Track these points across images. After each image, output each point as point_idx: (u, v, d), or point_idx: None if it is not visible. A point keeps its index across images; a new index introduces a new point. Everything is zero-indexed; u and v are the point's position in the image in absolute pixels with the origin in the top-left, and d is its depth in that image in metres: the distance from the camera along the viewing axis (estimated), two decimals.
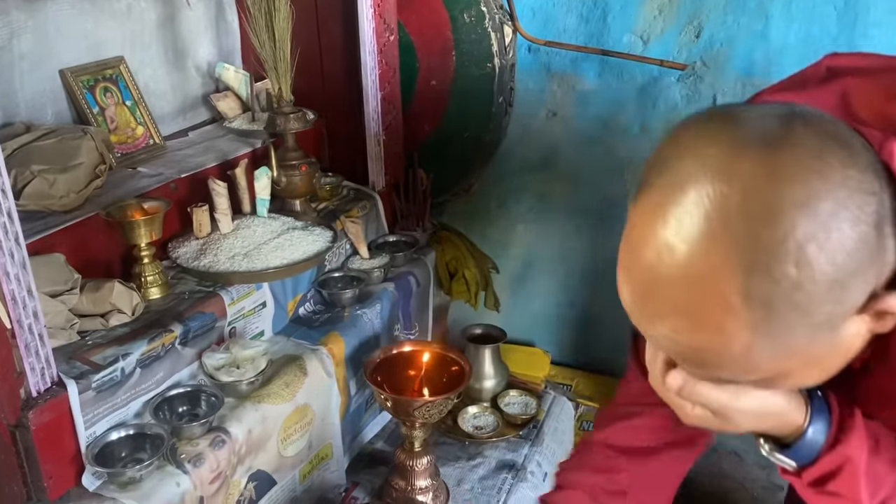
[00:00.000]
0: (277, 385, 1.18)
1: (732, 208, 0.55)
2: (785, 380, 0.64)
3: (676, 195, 0.57)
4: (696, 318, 0.58)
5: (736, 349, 0.58)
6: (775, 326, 0.57)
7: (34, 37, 1.25)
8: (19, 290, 0.89)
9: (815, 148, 0.56)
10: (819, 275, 0.55)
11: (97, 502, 0.96)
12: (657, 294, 0.59)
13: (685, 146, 0.59)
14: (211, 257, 1.23)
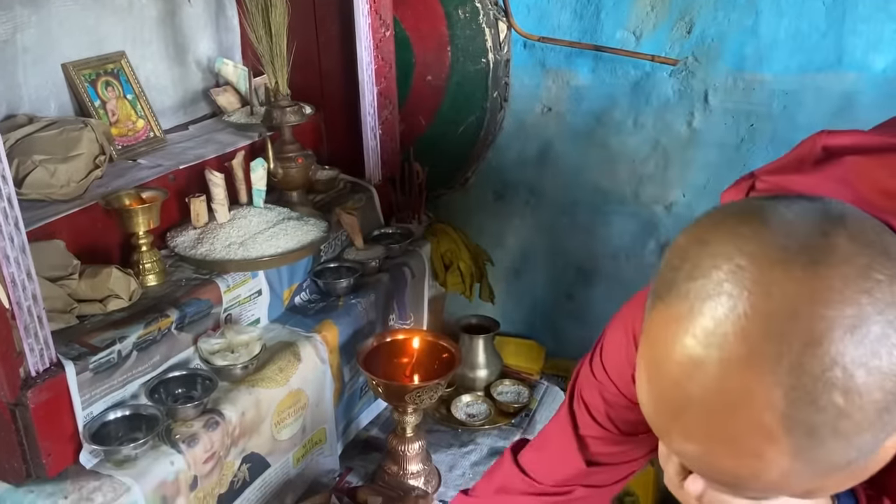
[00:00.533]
0: (271, 370, 1.21)
1: (773, 330, 0.51)
2: (820, 493, 0.61)
3: (707, 307, 0.52)
4: (731, 443, 0.54)
5: (774, 475, 0.54)
6: (817, 453, 0.53)
7: (37, 31, 1.29)
8: (19, 273, 0.92)
9: (863, 265, 0.52)
10: (868, 403, 0.51)
11: (94, 480, 0.99)
12: (687, 415, 0.55)
13: (715, 251, 0.54)
14: (208, 246, 1.26)
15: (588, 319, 2.01)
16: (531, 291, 2.04)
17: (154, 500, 1.01)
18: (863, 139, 0.72)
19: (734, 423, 0.52)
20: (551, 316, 2.05)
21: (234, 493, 1.17)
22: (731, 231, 0.55)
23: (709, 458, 0.55)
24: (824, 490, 0.59)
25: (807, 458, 0.53)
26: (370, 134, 1.61)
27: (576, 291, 2.00)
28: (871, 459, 0.56)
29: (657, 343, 0.56)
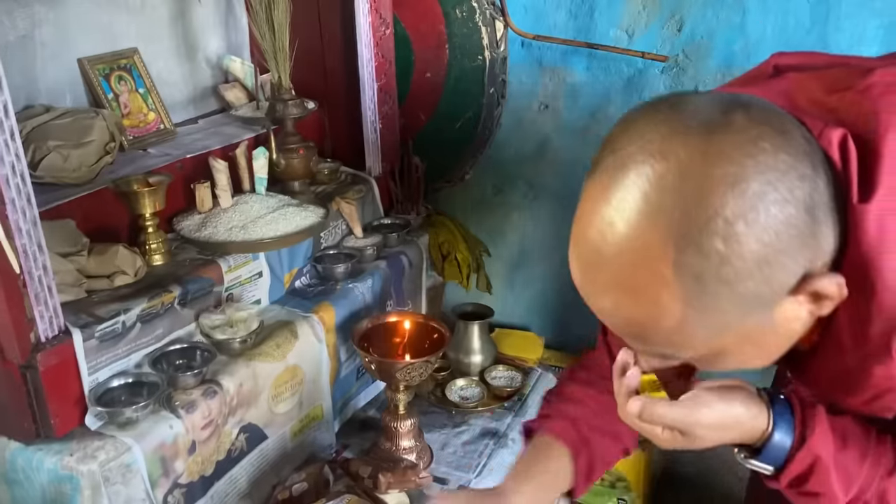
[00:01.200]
0: (269, 346, 1.28)
1: (668, 187, 0.58)
2: (725, 357, 0.68)
3: (619, 175, 0.61)
4: (634, 292, 0.61)
5: (670, 322, 0.62)
6: (706, 300, 0.60)
7: (55, 28, 1.37)
8: (30, 245, 1.00)
9: (751, 133, 0.60)
10: (747, 252, 0.58)
11: (98, 440, 1.06)
12: (600, 270, 0.63)
13: (633, 130, 0.63)
14: (211, 229, 1.33)
15: (585, 311, 2.06)
16: (530, 284, 2.09)
17: (153, 460, 1.08)
18: (809, 59, 0.79)
19: (636, 273, 0.61)
20: (550, 308, 2.10)
21: (232, 461, 1.23)
22: (649, 115, 0.63)
23: (619, 310, 0.64)
24: (729, 355, 0.67)
25: (697, 305, 0.61)
26: (371, 128, 1.68)
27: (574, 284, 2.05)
28: (768, 327, 0.64)
29: (581, 213, 0.65)
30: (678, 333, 0.64)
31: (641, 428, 0.78)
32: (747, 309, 0.62)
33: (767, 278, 0.60)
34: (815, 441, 0.75)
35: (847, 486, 0.76)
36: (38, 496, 1.06)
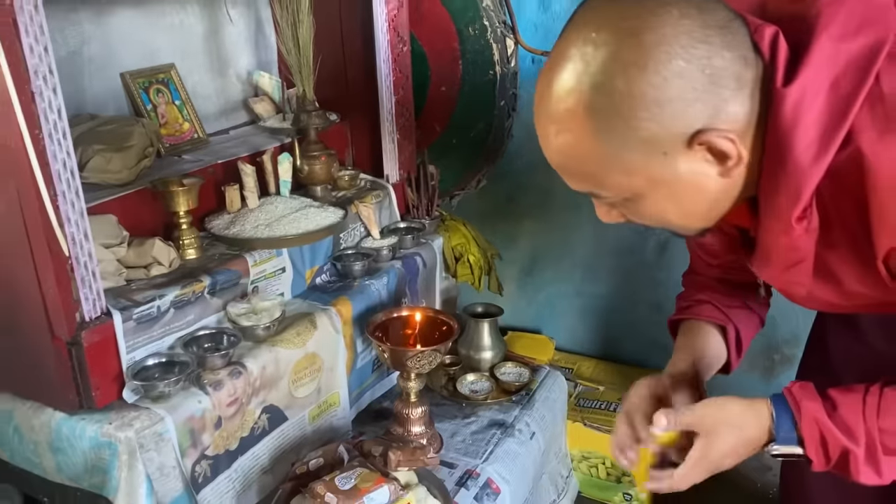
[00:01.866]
0: (290, 333, 1.38)
1: (589, 39, 0.74)
2: (644, 202, 0.81)
3: (558, 44, 0.78)
4: (558, 123, 0.77)
5: (585, 152, 0.77)
6: (610, 135, 0.75)
7: (101, 44, 1.51)
8: (77, 233, 1.12)
9: (665, 3, 0.73)
10: (638, 91, 0.72)
11: (134, 411, 1.17)
12: (542, 108, 0.79)
13: (574, 16, 0.79)
14: (239, 227, 1.45)
15: (594, 314, 2.15)
16: (542, 288, 2.19)
17: (183, 431, 1.18)
18: None
19: (559, 110, 0.76)
20: (560, 311, 2.19)
21: (255, 438, 1.33)
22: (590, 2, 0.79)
23: (550, 142, 0.80)
24: (645, 199, 0.80)
25: (603, 138, 0.75)
26: (389, 138, 1.79)
27: (583, 288, 2.14)
28: (676, 176, 0.77)
29: (538, 85, 0.80)
30: (594, 167, 0.79)
31: (676, 487, 0.93)
32: (647, 150, 0.76)
33: (660, 121, 0.74)
34: (806, 406, 0.86)
35: (855, 439, 0.84)
36: (80, 462, 1.18)
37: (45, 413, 1.20)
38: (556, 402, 1.76)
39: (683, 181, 0.78)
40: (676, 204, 0.81)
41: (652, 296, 2.06)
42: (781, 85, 0.73)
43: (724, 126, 0.75)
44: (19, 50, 1.01)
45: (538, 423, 1.66)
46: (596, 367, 2.10)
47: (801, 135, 0.73)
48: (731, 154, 0.76)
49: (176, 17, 1.66)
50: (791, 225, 0.78)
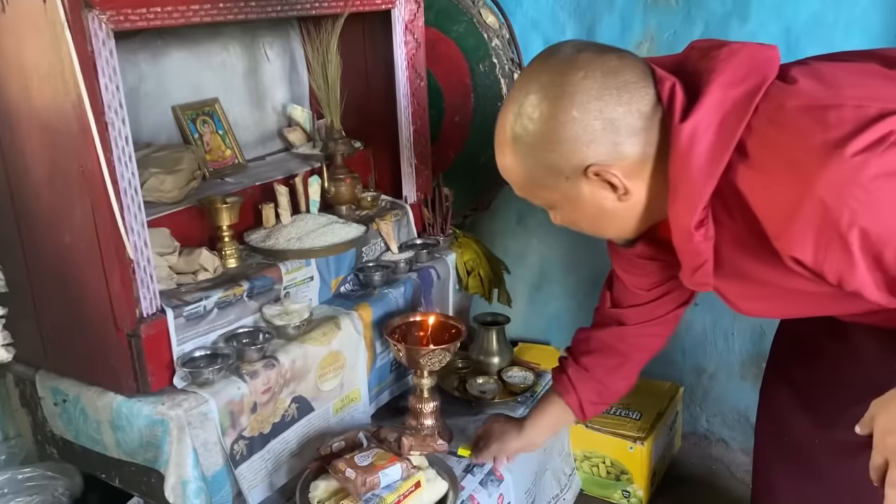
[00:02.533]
0: (317, 333, 1.57)
1: (520, 86, 1.01)
2: (562, 212, 1.08)
3: (508, 95, 1.05)
4: (501, 150, 1.05)
5: (516, 170, 1.04)
6: (527, 159, 1.01)
7: (155, 81, 1.73)
8: (138, 241, 1.32)
9: (578, 62, 0.97)
10: (545, 130, 0.98)
11: (183, 395, 1.36)
12: (495, 143, 1.06)
13: (522, 71, 1.13)
14: (273, 240, 1.65)
15: None
16: (549, 303, 2.36)
17: (224, 412, 1.37)
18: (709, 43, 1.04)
19: (500, 139, 1.04)
20: (567, 324, 2.35)
21: (285, 424, 1.52)
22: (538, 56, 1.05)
23: (498, 160, 1.06)
24: (562, 209, 1.07)
25: (524, 162, 1.02)
26: (407, 163, 1.99)
27: (587, 303, 2.30)
28: (580, 196, 1.02)
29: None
30: (523, 182, 1.05)
31: None
32: (554, 175, 1.01)
33: (559, 154, 0.99)
34: None
35: None
36: (136, 438, 1.37)
37: (108, 396, 1.40)
38: None
39: (587, 200, 1.03)
40: (585, 217, 1.07)
41: None
42: (678, 122, 0.94)
43: (617, 162, 0.98)
44: (97, 88, 1.22)
45: None
46: None
47: (695, 159, 0.93)
48: (617, 186, 1.00)
49: (220, 57, 1.88)
50: (691, 232, 0.97)
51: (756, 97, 0.92)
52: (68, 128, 1.23)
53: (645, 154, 0.98)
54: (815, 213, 0.87)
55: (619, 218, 1.05)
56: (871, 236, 0.86)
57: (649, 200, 1.02)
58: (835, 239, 0.87)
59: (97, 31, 1.21)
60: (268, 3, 1.49)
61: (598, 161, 0.98)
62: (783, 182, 0.89)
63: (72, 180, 1.27)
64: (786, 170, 0.89)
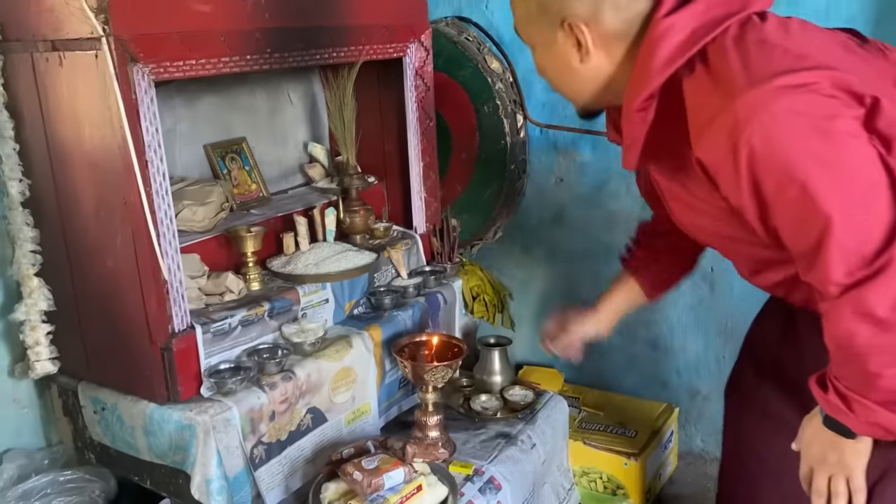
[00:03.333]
0: (331, 350, 1.72)
1: None
2: (537, 53, 1.24)
3: None
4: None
5: (520, 10, 1.23)
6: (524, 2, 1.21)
7: (189, 123, 1.93)
8: (172, 265, 1.49)
9: None
10: None
11: (209, 402, 1.52)
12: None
13: None
14: (292, 266, 1.82)
15: (597, 352, 2.43)
16: None
17: (245, 419, 1.53)
18: None
19: None
20: None
21: (301, 433, 1.67)
22: None
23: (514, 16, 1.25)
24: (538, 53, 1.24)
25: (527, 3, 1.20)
26: (417, 196, 2.15)
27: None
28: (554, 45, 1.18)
29: None
30: (520, 16, 1.23)
31: None
32: (543, 13, 1.17)
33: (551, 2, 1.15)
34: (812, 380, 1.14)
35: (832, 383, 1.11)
36: (166, 442, 1.53)
37: (141, 404, 1.56)
38: (557, 420, 2.05)
39: (558, 50, 1.19)
40: (551, 66, 1.23)
41: (648, 335, 2.35)
42: (660, 16, 1.08)
43: (592, 25, 1.14)
44: (139, 131, 1.40)
45: (539, 436, 1.95)
46: (599, 396, 2.38)
47: (661, 50, 1.07)
48: (584, 44, 1.15)
49: (247, 100, 2.07)
50: (633, 112, 1.11)
51: (728, 20, 1.07)
52: (114, 166, 1.42)
53: (623, 32, 1.13)
54: (726, 124, 1.00)
55: (577, 79, 1.20)
56: (757, 158, 0.99)
57: (612, 76, 1.17)
58: (731, 151, 1.01)
59: (140, 81, 1.39)
60: (290, 54, 1.67)
61: (576, 15, 1.13)
62: (714, 93, 1.03)
63: (115, 212, 1.45)
64: (721, 83, 1.03)
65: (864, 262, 0.99)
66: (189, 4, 1.44)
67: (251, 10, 1.55)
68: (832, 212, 0.98)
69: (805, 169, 0.98)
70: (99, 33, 1.32)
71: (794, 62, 1.01)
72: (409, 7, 1.98)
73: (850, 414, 1.07)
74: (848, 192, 0.99)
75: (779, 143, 0.98)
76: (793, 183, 0.99)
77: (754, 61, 1.02)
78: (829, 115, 0.98)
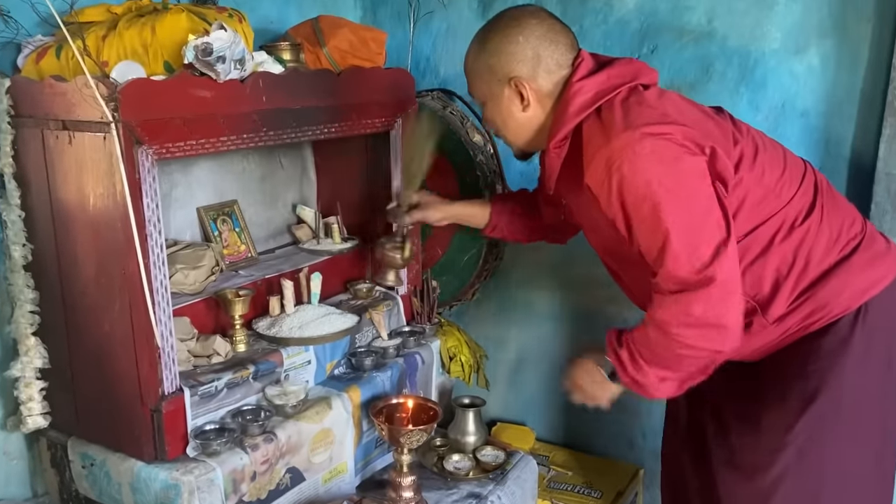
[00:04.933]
0: (311, 412, 1.81)
1: (490, 23, 1.65)
2: (487, 107, 1.68)
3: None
4: (468, 50, 1.68)
5: (468, 60, 1.67)
6: (475, 55, 1.64)
7: (184, 188, 2.02)
8: (165, 331, 1.58)
9: (536, 14, 1.60)
10: (493, 44, 1.60)
11: (194, 463, 1.59)
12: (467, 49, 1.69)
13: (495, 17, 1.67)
14: (277, 328, 1.90)
15: (569, 411, 2.53)
16: (526, 386, 2.59)
17: (228, 480, 1.60)
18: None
19: (471, 44, 1.68)
20: (542, 406, 2.58)
21: (279, 492, 1.74)
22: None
23: (465, 58, 1.69)
24: (488, 105, 1.68)
25: (476, 61, 1.65)
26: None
27: (560, 387, 2.53)
28: (502, 98, 1.63)
29: None
30: (471, 74, 1.66)
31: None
32: (491, 73, 1.61)
33: (497, 60, 1.59)
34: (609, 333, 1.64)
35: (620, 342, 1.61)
36: (152, 499, 1.60)
37: (129, 461, 1.63)
38: (526, 481, 2.13)
39: (504, 103, 1.62)
40: (499, 116, 1.65)
41: None
42: (575, 80, 1.55)
43: (530, 84, 1.58)
44: (141, 207, 1.50)
45: (509, 497, 2.03)
46: (569, 456, 2.47)
47: (573, 105, 1.53)
48: (526, 98, 1.59)
49: (241, 165, 2.17)
50: (552, 149, 1.57)
51: (621, 87, 1.51)
52: (115, 237, 1.51)
53: (549, 92, 1.59)
54: (605, 157, 1.43)
55: (518, 125, 1.63)
56: (624, 182, 1.40)
57: (542, 124, 1.62)
58: (607, 176, 1.42)
59: (144, 161, 1.49)
60: (283, 132, 1.78)
61: (520, 76, 1.57)
62: (601, 135, 1.46)
63: (115, 280, 1.54)
64: (606, 128, 1.46)
65: (694, 271, 1.38)
66: (192, 91, 1.55)
67: (249, 93, 1.66)
68: (670, 227, 1.38)
69: (655, 192, 1.38)
70: (109, 119, 1.42)
71: (659, 118, 1.44)
72: (398, 85, 2.10)
73: (629, 369, 1.54)
74: (685, 214, 1.38)
75: (639, 172, 1.39)
76: (646, 201, 1.39)
77: (631, 114, 1.45)
78: (677, 157, 1.40)
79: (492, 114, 1.66)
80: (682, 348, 1.43)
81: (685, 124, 1.43)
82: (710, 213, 1.40)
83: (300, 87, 1.80)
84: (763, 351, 1.62)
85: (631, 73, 1.54)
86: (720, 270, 1.37)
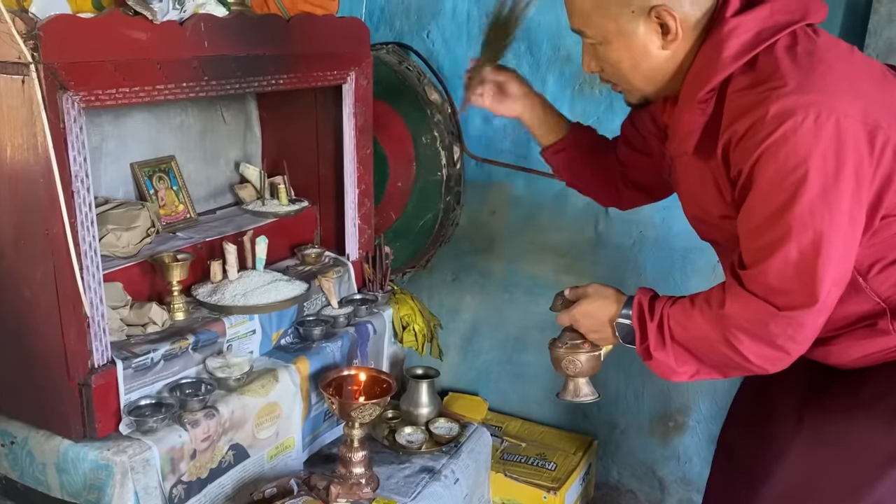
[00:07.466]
0: (256, 385, 1.69)
1: None
2: (609, 47, 1.26)
3: None
4: None
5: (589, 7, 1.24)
6: None
7: (116, 141, 1.85)
8: (95, 299, 1.44)
9: None
10: None
11: (127, 441, 1.47)
12: None
13: None
14: (219, 295, 1.77)
15: (523, 379, 2.47)
16: (479, 355, 2.52)
17: (166, 459, 1.48)
18: None
19: None
20: (494, 376, 2.52)
21: (222, 470, 1.63)
22: None
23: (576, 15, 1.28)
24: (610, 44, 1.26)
25: None
26: (351, 223, 2.13)
27: (513, 357, 2.47)
28: (635, 35, 1.22)
29: None
30: (590, 8, 1.24)
31: None
32: (621, 8, 1.21)
33: None
34: (638, 296, 1.36)
35: (653, 314, 1.31)
36: (80, 481, 1.47)
37: (55, 440, 1.49)
38: (480, 453, 2.07)
39: (638, 39, 1.23)
40: (630, 56, 1.25)
41: None
42: (729, 15, 1.18)
43: (679, 13, 1.19)
44: (66, 160, 1.34)
45: (462, 470, 1.97)
46: (521, 426, 2.42)
47: (728, 48, 1.17)
48: (672, 29, 1.20)
49: (179, 118, 2.01)
50: (694, 104, 1.21)
51: (787, 28, 1.17)
52: (37, 195, 1.35)
53: (697, 23, 1.21)
54: (754, 118, 1.12)
55: (653, 69, 1.25)
56: (773, 157, 1.11)
57: (677, 67, 1.25)
58: (755, 146, 1.12)
59: (70, 109, 1.33)
60: (227, 81, 1.63)
61: (665, 2, 1.18)
62: (756, 91, 1.14)
63: (37, 242, 1.38)
64: (763, 84, 1.13)
65: (800, 287, 1.14)
66: (124, 31, 1.39)
67: (189, 37, 1.51)
68: (793, 225, 1.12)
69: (804, 177, 1.10)
70: (27, 59, 1.26)
71: (834, 84, 1.12)
72: (352, 36, 1.96)
73: (652, 344, 1.30)
74: (827, 220, 1.11)
75: (800, 147, 1.09)
76: (785, 190, 1.11)
77: (802, 71, 1.13)
78: (856, 146, 1.10)
79: (617, 55, 1.26)
80: (730, 349, 1.21)
81: (864, 95, 1.13)
82: (854, 229, 1.14)
83: (246, 32, 1.65)
84: (871, 360, 1.33)
85: (800, 8, 1.19)
86: (827, 297, 1.14)
